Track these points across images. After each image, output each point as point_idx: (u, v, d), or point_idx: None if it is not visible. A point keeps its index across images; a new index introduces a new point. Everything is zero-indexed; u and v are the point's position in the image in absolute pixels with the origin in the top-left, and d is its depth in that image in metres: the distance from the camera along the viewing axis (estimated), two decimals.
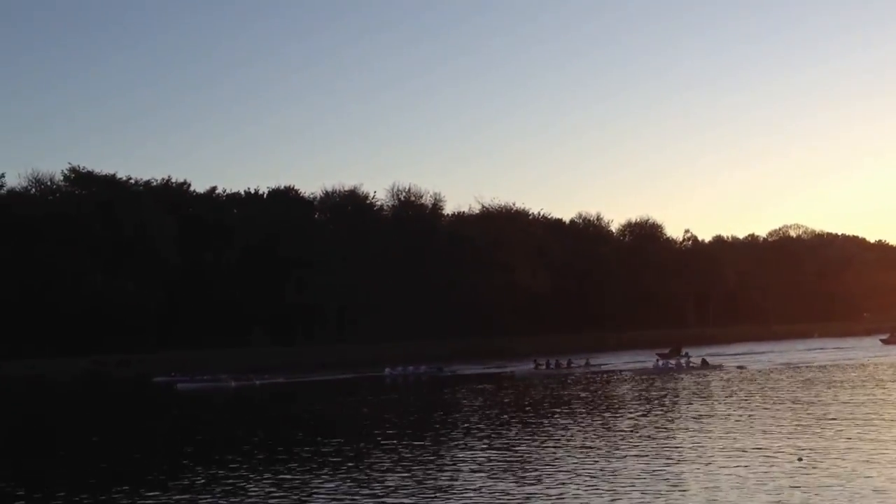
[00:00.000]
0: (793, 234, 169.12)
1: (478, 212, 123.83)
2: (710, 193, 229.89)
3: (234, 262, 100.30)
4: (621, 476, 18.07)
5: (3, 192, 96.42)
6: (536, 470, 19.43)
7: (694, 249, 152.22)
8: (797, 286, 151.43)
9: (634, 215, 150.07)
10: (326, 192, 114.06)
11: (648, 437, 24.21)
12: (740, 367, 56.66)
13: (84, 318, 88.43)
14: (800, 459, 19.14)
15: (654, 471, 18.51)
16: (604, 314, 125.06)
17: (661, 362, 58.10)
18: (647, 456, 20.56)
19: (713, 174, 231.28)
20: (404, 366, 65.27)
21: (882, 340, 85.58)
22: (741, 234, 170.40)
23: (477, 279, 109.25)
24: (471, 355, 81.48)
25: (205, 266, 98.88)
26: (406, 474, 19.21)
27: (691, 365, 58.23)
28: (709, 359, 61.79)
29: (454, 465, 20.37)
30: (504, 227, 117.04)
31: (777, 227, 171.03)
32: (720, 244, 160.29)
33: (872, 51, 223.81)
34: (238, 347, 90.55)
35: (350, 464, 21.31)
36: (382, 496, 16.72)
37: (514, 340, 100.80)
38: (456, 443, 24.56)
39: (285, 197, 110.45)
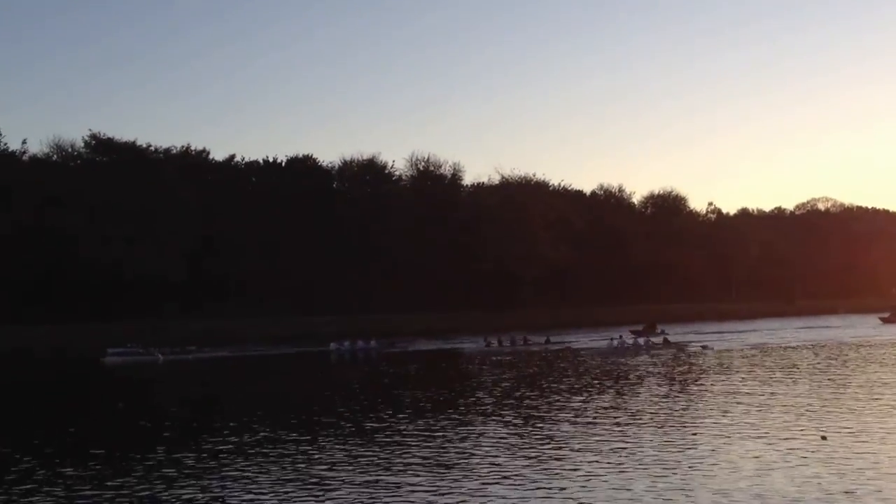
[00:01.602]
0: (821, 207, 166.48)
1: (497, 182, 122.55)
2: (736, 165, 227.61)
3: (250, 230, 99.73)
4: (640, 454, 17.32)
5: (25, 158, 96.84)
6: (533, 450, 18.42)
7: (717, 222, 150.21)
8: (824, 261, 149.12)
9: (658, 187, 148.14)
10: (345, 160, 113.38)
11: (665, 414, 23.24)
12: (704, 347, 53.35)
13: (105, 286, 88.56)
14: (824, 438, 18.20)
15: (672, 449, 17.78)
16: (625, 287, 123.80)
17: (615, 342, 54.77)
18: (666, 434, 19.75)
19: (740, 146, 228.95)
20: (352, 341, 63.55)
21: (882, 319, 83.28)
22: (767, 208, 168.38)
23: (496, 251, 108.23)
24: (484, 328, 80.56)
25: (224, 234, 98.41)
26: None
27: (652, 344, 55.55)
28: (674, 338, 59.65)
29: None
30: (524, 198, 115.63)
31: (804, 201, 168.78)
32: (745, 217, 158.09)
33: None
34: (258, 317, 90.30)
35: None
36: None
37: (532, 313, 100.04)
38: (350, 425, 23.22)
39: (303, 165, 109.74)
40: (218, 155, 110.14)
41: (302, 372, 46.53)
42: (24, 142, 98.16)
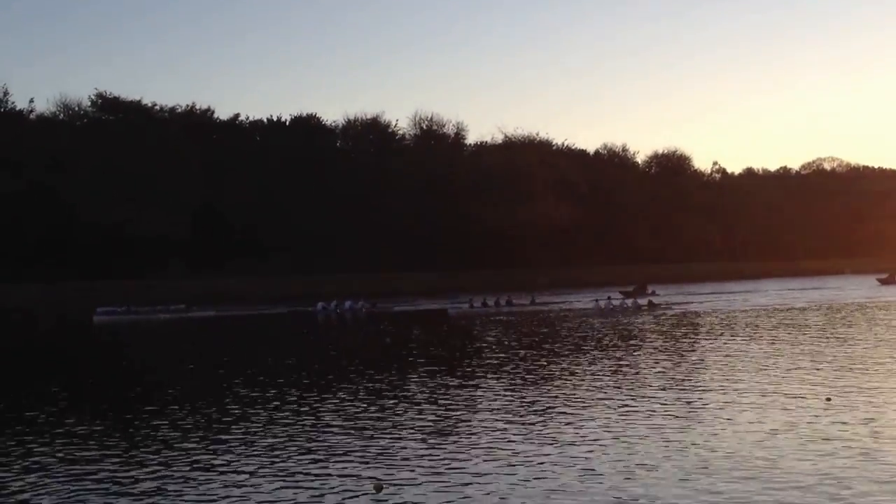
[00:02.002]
0: (827, 166, 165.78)
1: (500, 142, 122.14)
2: (741, 125, 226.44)
3: (256, 189, 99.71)
4: (642, 416, 17.16)
5: (32, 117, 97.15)
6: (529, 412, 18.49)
7: (722, 182, 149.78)
8: (830, 221, 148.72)
9: (662, 147, 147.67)
10: (348, 119, 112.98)
11: (666, 376, 23.17)
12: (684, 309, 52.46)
13: (109, 245, 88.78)
14: (828, 399, 18.20)
15: (675, 410, 17.69)
16: (628, 247, 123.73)
17: (602, 303, 53.43)
18: (667, 395, 19.62)
19: (745, 104, 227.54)
20: (339, 301, 62.71)
21: (879, 280, 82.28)
22: (773, 167, 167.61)
23: (499, 210, 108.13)
24: (487, 288, 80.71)
25: (229, 193, 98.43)
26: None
27: (638, 306, 54.00)
28: (668, 299, 59.34)
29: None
30: (527, 157, 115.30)
31: (810, 160, 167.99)
32: (750, 177, 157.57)
33: None
34: (261, 276, 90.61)
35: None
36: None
37: (534, 272, 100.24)
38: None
39: (307, 124, 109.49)
40: (222, 114, 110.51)
41: (282, 333, 46.35)
42: (30, 101, 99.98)
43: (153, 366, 31.62)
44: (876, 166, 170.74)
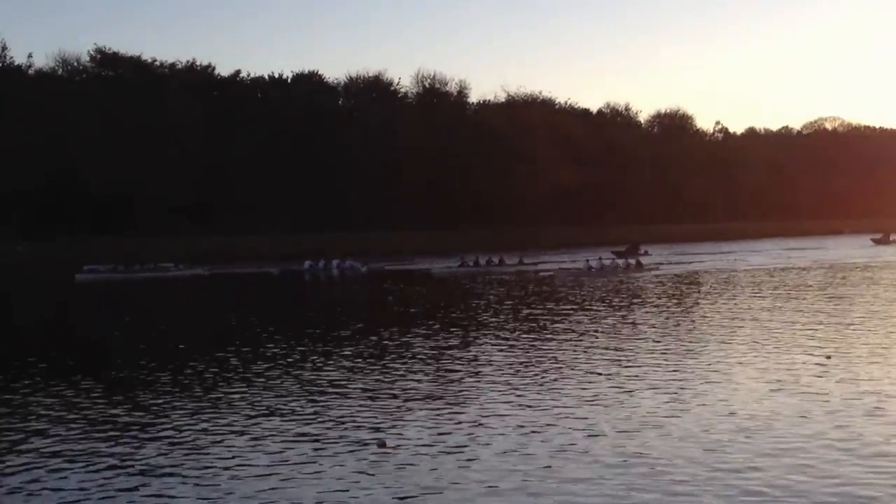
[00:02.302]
0: (828, 126, 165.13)
1: (503, 100, 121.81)
2: (743, 84, 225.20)
3: (259, 147, 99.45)
4: (642, 376, 17.37)
5: (31, 72, 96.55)
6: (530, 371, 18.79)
7: (724, 142, 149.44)
8: (831, 181, 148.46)
9: (664, 106, 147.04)
10: (351, 77, 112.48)
11: (664, 336, 23.42)
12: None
13: (111, 202, 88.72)
14: (828, 357, 18.58)
15: (676, 370, 17.94)
16: (630, 207, 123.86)
17: (592, 262, 51.92)
18: (667, 355, 19.85)
19: (748, 64, 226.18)
20: (326, 259, 61.73)
21: (873, 240, 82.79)
22: (774, 127, 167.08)
23: (501, 169, 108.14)
24: (491, 247, 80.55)
25: (230, 150, 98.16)
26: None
27: (627, 265, 53.29)
28: (661, 259, 59.18)
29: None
30: (530, 116, 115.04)
31: (812, 120, 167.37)
32: (752, 137, 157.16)
33: None
34: (262, 235, 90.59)
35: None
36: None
37: (537, 232, 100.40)
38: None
39: (310, 81, 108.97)
40: (223, 70, 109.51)
41: (268, 291, 46.51)
42: (29, 56, 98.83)
43: (103, 326, 31.10)
44: (877, 126, 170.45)
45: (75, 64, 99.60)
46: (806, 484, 10.28)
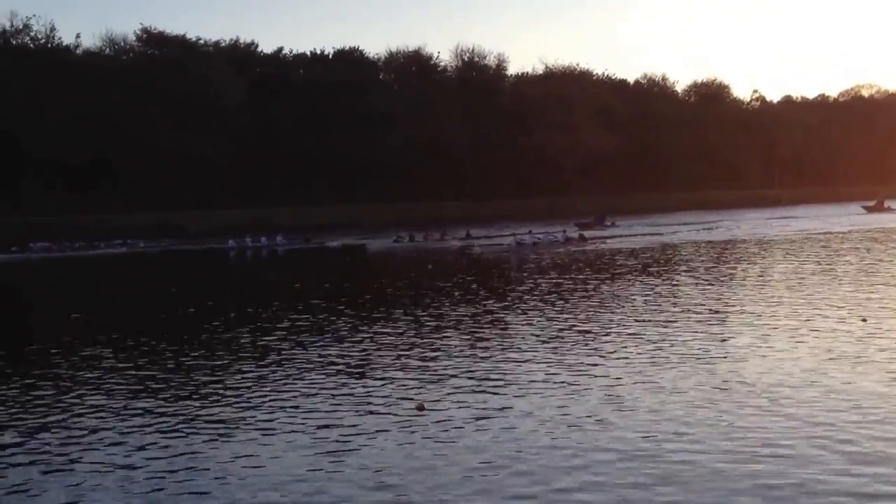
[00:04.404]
0: (865, 93, 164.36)
1: (541, 73, 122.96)
2: (780, 52, 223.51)
3: (300, 121, 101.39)
4: (675, 350, 17.62)
5: (79, 52, 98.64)
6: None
7: (761, 110, 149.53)
8: (868, 148, 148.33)
9: (702, 76, 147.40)
10: (391, 52, 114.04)
11: (696, 302, 24.39)
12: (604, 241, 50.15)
13: (158, 175, 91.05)
14: (864, 320, 19.66)
15: (710, 341, 18.39)
16: (667, 175, 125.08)
17: (518, 238, 48.25)
18: (698, 327, 20.14)
19: (784, 30, 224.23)
20: (254, 237, 59.18)
21: (865, 208, 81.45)
22: (811, 95, 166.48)
23: (539, 139, 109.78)
24: (527, 218, 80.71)
25: (272, 125, 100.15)
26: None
27: (567, 240, 48.70)
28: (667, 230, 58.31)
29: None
30: (567, 88, 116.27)
31: (849, 87, 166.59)
32: (788, 104, 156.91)
33: None
34: (302, 206, 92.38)
35: None
36: None
37: (574, 200, 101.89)
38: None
39: (350, 57, 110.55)
40: (266, 47, 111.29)
41: (172, 272, 45.31)
42: (77, 36, 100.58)
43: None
44: None
45: (122, 43, 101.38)
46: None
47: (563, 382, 14.82)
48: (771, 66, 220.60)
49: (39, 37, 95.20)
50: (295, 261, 49.94)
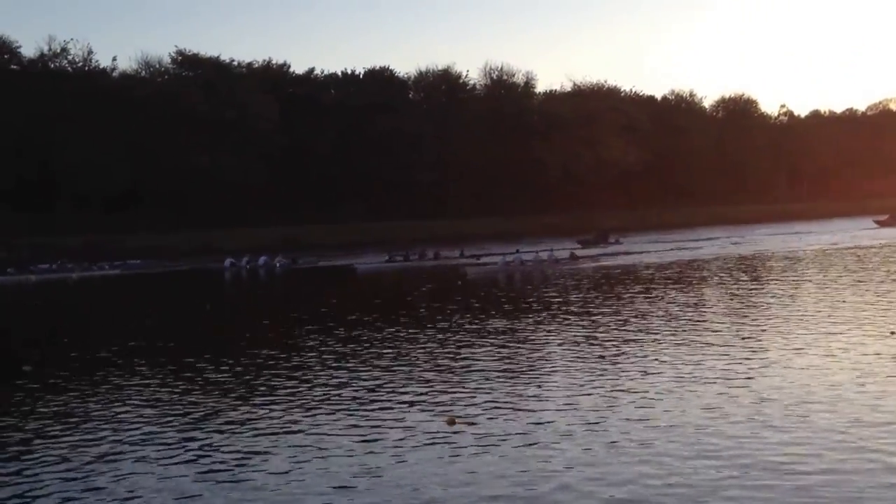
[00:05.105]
0: (893, 107, 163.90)
1: (569, 90, 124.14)
2: (807, 67, 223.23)
3: (331, 141, 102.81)
4: (701, 365, 18.03)
5: (115, 74, 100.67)
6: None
7: (789, 125, 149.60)
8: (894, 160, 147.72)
9: (729, 91, 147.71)
10: (420, 71, 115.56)
11: (731, 315, 25.19)
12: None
13: (190, 196, 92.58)
14: (892, 333, 20.31)
15: (736, 356, 18.81)
16: (693, 190, 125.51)
17: (507, 258, 47.65)
18: (724, 344, 20.35)
19: (812, 46, 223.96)
20: (251, 256, 59.20)
21: (877, 222, 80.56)
22: (839, 109, 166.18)
23: (566, 157, 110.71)
24: (552, 233, 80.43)
25: (304, 144, 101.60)
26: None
27: (556, 259, 48.16)
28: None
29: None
30: (595, 104, 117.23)
31: (877, 101, 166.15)
32: (817, 119, 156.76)
33: None
34: (334, 224, 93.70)
35: None
36: None
37: (603, 216, 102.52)
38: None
39: (380, 77, 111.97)
40: (298, 68, 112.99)
41: (169, 293, 45.29)
42: (113, 59, 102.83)
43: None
44: None
45: (157, 65, 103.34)
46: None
47: (595, 396, 15.61)
48: (799, 81, 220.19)
49: (77, 60, 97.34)
50: (290, 280, 50.94)
